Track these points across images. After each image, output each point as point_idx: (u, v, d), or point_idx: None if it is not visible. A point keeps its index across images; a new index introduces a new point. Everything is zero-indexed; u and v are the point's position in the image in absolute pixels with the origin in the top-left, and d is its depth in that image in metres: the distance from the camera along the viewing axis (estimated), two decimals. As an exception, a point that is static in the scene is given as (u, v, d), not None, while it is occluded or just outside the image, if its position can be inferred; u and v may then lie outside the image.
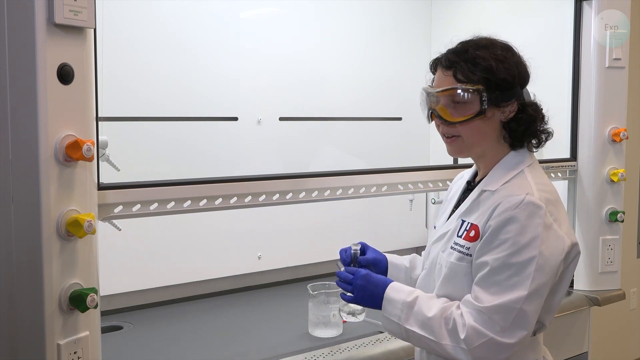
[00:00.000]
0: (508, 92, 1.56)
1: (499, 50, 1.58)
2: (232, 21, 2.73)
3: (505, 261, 1.46)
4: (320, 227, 2.92)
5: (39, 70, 1.38)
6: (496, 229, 1.48)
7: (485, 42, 1.59)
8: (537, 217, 1.47)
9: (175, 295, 2.59)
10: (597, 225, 2.73)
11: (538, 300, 1.47)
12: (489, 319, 1.44)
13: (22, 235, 1.43)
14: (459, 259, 1.55)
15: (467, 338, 1.45)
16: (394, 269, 1.86)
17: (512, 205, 1.48)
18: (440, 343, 1.48)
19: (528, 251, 1.45)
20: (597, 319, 3.04)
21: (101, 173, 1.62)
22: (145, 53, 2.49)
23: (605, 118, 2.72)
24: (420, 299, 1.56)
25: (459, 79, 1.55)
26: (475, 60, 1.55)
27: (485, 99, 1.54)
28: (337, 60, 3.04)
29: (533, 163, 1.62)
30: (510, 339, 1.44)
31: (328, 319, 2.17)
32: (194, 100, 2.62)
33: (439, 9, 3.33)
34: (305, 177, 2.05)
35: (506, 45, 1.61)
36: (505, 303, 1.44)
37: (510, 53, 1.60)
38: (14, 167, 1.42)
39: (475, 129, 1.57)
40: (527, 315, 1.45)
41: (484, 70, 1.54)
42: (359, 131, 3.10)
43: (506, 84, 1.56)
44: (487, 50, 1.57)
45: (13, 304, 1.45)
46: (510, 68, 1.57)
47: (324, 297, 2.18)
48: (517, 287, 1.44)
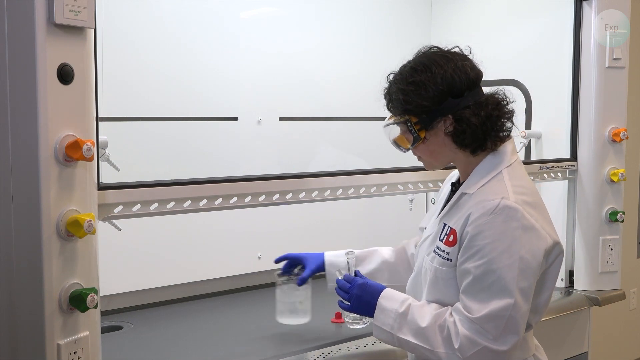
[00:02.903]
0: (436, 111, 1.57)
1: (416, 75, 1.58)
2: (232, 21, 2.73)
3: (487, 268, 1.47)
4: (320, 227, 2.92)
5: (39, 70, 1.38)
6: (473, 236, 1.49)
7: (405, 70, 1.62)
8: (514, 220, 1.48)
9: (175, 295, 2.59)
10: (597, 225, 2.73)
11: (526, 305, 1.48)
12: (481, 328, 1.46)
13: (22, 235, 1.43)
14: (441, 264, 1.57)
15: (461, 347, 1.46)
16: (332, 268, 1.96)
17: (488, 211, 1.49)
18: (435, 351, 1.50)
19: (507, 256, 1.46)
20: (597, 319, 3.04)
21: (101, 173, 1.62)
22: (145, 53, 2.48)
23: (605, 118, 2.71)
24: (413, 307, 1.57)
25: (393, 113, 1.66)
26: (394, 95, 1.62)
27: (411, 128, 1.60)
28: (337, 60, 3.04)
29: (513, 163, 1.61)
30: (503, 346, 1.46)
31: (295, 306, 2.14)
32: (194, 100, 2.62)
33: (439, 9, 3.33)
34: (305, 177, 2.05)
35: (426, 63, 1.60)
36: (495, 311, 1.45)
37: (429, 72, 1.58)
38: (14, 167, 1.42)
39: (425, 151, 1.64)
40: (517, 321, 1.46)
41: (401, 103, 1.60)
42: (359, 131, 3.10)
43: (424, 107, 1.57)
44: (402, 81, 1.61)
45: (13, 304, 1.45)
46: (427, 90, 1.57)
47: (290, 285, 2.12)
48: (503, 293, 1.45)
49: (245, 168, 2.69)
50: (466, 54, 1.65)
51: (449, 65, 1.58)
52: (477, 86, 1.61)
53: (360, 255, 1.99)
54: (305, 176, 2.06)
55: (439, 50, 1.65)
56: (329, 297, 2.19)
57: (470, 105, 1.57)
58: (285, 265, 2.11)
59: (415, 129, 1.60)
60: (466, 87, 1.58)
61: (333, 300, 1.83)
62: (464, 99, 1.58)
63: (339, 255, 2.01)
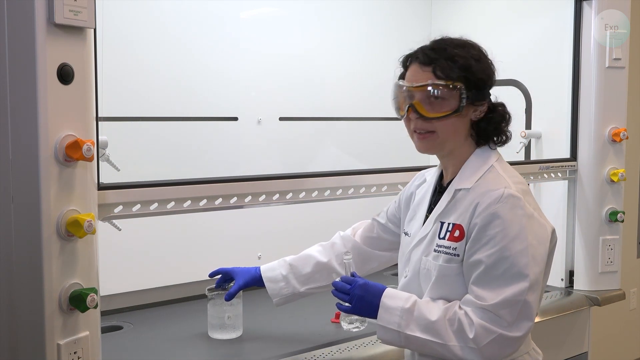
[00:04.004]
0: (482, 92, 1.60)
1: (475, 50, 1.61)
2: (232, 21, 2.73)
3: (500, 255, 1.47)
4: (320, 227, 2.91)
5: (39, 70, 1.38)
6: (483, 227, 1.50)
7: (462, 42, 1.63)
8: (519, 208, 1.50)
9: (175, 295, 2.59)
10: (597, 225, 2.73)
11: (538, 289, 1.50)
12: (496, 316, 1.46)
13: (22, 235, 1.43)
14: (447, 261, 1.56)
15: (477, 336, 1.46)
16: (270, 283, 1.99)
17: (494, 200, 1.50)
18: (447, 345, 1.49)
19: (518, 242, 1.47)
20: (597, 319, 3.04)
21: (101, 173, 1.62)
22: (145, 53, 2.48)
23: (605, 118, 2.71)
24: (419, 303, 1.56)
25: (438, 76, 1.56)
26: (455, 58, 1.57)
27: (464, 97, 1.56)
28: (337, 60, 3.04)
29: (500, 158, 1.66)
30: (518, 332, 1.46)
31: (223, 321, 2.13)
32: (194, 100, 2.62)
33: (439, 9, 3.33)
34: (305, 177, 2.05)
35: (480, 47, 1.64)
36: (509, 297, 1.45)
37: (483, 54, 1.63)
38: (14, 167, 1.42)
39: (449, 126, 1.59)
40: (531, 305, 1.47)
41: (463, 68, 1.56)
42: (359, 131, 3.10)
43: (482, 83, 1.60)
44: (464, 49, 1.60)
45: (13, 304, 1.45)
46: (485, 68, 1.61)
47: (218, 300, 2.12)
48: (517, 278, 1.46)
49: (245, 168, 2.69)
50: None
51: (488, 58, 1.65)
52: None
53: (292, 262, 2.01)
54: (305, 176, 2.06)
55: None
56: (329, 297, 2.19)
57: (497, 102, 1.65)
58: (219, 279, 2.13)
59: (461, 98, 1.56)
60: (494, 83, 1.65)
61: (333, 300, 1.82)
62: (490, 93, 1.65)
63: (274, 268, 2.03)
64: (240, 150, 2.74)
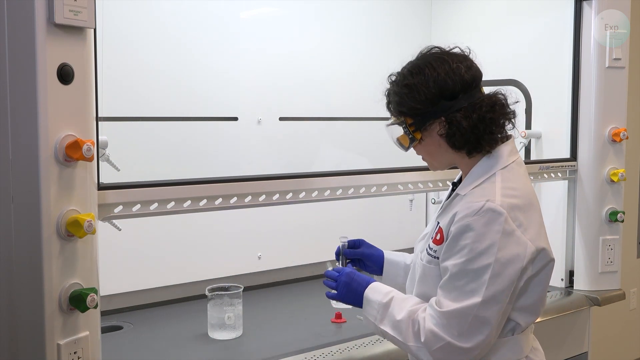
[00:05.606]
0: (428, 113, 1.59)
1: (410, 78, 1.61)
2: (232, 21, 2.73)
3: (463, 267, 1.49)
4: (320, 227, 2.92)
5: (39, 70, 1.38)
6: (456, 235, 1.52)
7: (401, 73, 1.66)
8: (496, 224, 1.48)
9: (175, 295, 2.59)
10: (597, 225, 2.74)
11: (496, 307, 1.48)
12: (447, 324, 1.48)
13: (22, 235, 1.43)
14: (428, 262, 1.61)
15: (427, 341, 1.50)
16: (390, 266, 1.90)
17: (471, 212, 1.50)
18: (407, 344, 1.54)
19: (484, 258, 1.48)
20: (597, 319, 3.04)
21: (101, 173, 1.62)
22: (145, 53, 2.48)
23: (605, 118, 2.72)
24: (395, 300, 1.60)
25: (392, 115, 1.69)
26: (391, 96, 1.66)
27: (406, 130, 1.63)
28: (337, 60, 3.04)
29: (510, 165, 1.60)
30: (467, 343, 1.47)
31: (223, 322, 2.16)
32: (194, 100, 2.62)
33: (439, 9, 3.33)
34: (305, 177, 2.05)
35: (420, 66, 1.62)
36: (461, 309, 1.48)
37: (422, 75, 1.60)
38: (14, 167, 1.42)
39: (423, 151, 1.68)
40: (484, 321, 1.48)
41: (396, 105, 1.64)
42: (359, 131, 3.10)
43: (417, 110, 1.60)
44: (397, 84, 1.64)
45: (13, 304, 1.45)
46: (419, 93, 1.59)
47: (218, 300, 2.16)
48: (473, 293, 1.48)
49: (245, 168, 2.70)
50: (466, 54, 1.65)
51: (442, 67, 1.59)
52: (473, 88, 1.60)
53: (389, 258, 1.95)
54: (305, 176, 2.06)
55: (437, 52, 1.66)
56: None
57: (463, 108, 1.58)
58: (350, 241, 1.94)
59: (410, 130, 1.63)
60: (460, 89, 1.58)
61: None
62: (457, 101, 1.58)
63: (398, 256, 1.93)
64: (240, 150, 2.74)
